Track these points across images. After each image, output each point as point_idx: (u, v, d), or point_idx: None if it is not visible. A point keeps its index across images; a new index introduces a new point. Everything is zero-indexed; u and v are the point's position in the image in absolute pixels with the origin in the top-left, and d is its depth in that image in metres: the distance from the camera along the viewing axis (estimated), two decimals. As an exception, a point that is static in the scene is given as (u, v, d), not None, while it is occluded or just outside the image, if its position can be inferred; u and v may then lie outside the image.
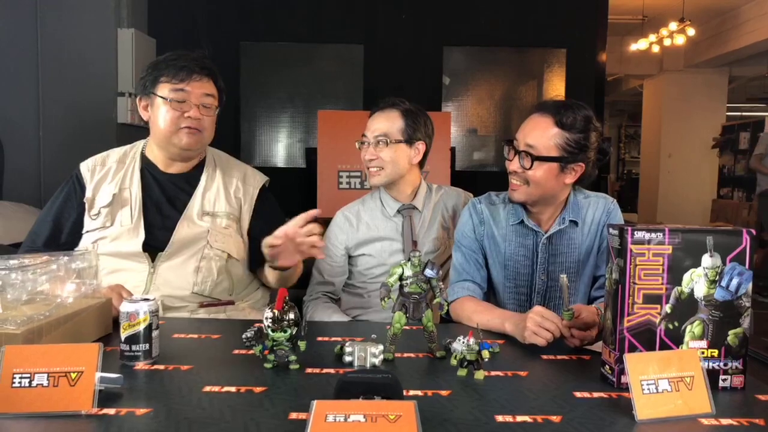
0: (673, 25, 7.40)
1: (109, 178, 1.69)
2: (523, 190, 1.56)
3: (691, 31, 7.35)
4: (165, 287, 1.60)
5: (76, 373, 0.95)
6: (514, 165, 1.55)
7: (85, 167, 1.72)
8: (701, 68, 9.11)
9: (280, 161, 4.84)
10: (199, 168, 1.74)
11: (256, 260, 1.73)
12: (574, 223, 1.60)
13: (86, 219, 1.66)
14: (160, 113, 1.63)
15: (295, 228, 1.44)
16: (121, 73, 3.62)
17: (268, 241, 1.47)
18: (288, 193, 4.47)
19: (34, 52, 3.51)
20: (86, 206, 1.67)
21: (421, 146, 1.88)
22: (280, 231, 1.45)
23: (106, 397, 0.97)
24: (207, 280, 1.63)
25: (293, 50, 4.73)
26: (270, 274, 1.70)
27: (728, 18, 7.96)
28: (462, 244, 1.67)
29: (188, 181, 1.72)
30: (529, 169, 1.51)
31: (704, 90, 9.35)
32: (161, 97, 1.62)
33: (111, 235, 1.63)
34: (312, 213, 1.45)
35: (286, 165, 4.83)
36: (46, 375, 0.94)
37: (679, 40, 7.49)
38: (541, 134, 1.51)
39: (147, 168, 1.72)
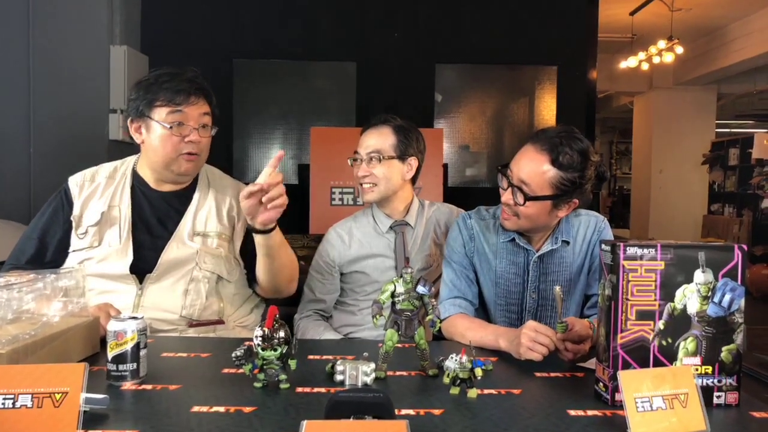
0: (662, 44, 7.50)
1: (98, 194, 1.65)
2: (514, 221, 1.54)
3: (679, 49, 7.45)
4: (153, 310, 1.56)
5: (60, 394, 0.92)
6: (506, 197, 1.53)
7: (74, 182, 1.68)
8: (690, 85, 9.23)
9: (272, 178, 4.84)
10: (191, 186, 1.70)
11: (253, 277, 1.70)
12: (566, 242, 1.60)
13: (73, 237, 1.62)
14: (157, 139, 1.58)
15: (269, 181, 1.42)
16: (113, 89, 3.61)
17: (246, 190, 1.43)
18: (280, 210, 4.46)
19: (25, 68, 3.50)
20: (73, 224, 1.62)
21: (413, 162, 1.89)
22: (256, 184, 1.43)
23: (91, 419, 0.95)
24: (195, 303, 1.60)
25: (286, 67, 4.74)
26: (258, 248, 1.59)
27: (716, 36, 8.08)
28: (452, 260, 1.66)
29: (180, 200, 1.68)
30: (522, 205, 1.49)
31: (693, 107, 9.45)
32: (158, 122, 1.57)
33: (98, 256, 1.59)
34: (278, 155, 1.44)
35: (278, 181, 4.82)
36: (30, 396, 0.92)
37: (668, 58, 7.59)
38: (535, 171, 1.47)
39: (138, 185, 1.68)
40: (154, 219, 1.65)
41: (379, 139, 1.85)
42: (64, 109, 3.53)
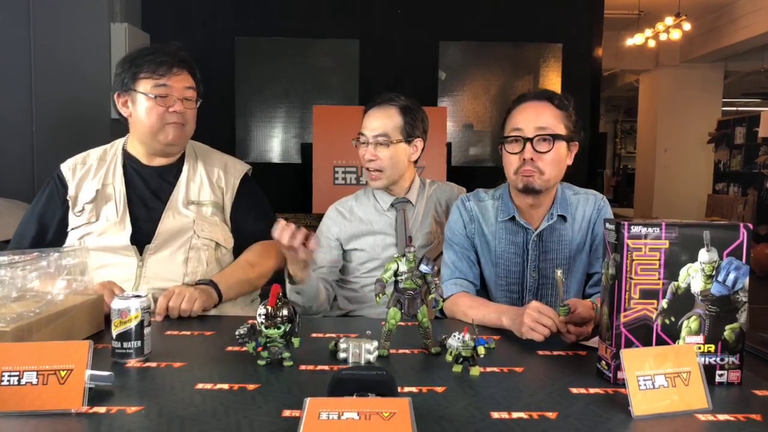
0: (669, 20, 7.40)
1: (91, 175, 1.69)
2: (537, 177, 1.53)
3: (686, 26, 7.34)
4: (155, 280, 1.59)
5: (65, 371, 0.93)
6: (528, 152, 1.51)
7: (66, 167, 1.71)
8: (697, 63, 9.11)
9: (275, 157, 4.82)
10: (180, 160, 1.74)
11: (238, 250, 1.73)
12: (563, 218, 1.59)
13: (71, 216, 1.65)
14: (143, 110, 1.62)
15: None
16: (114, 68, 3.59)
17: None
18: (284, 189, 4.46)
19: (26, 47, 3.48)
20: (70, 204, 1.66)
21: (419, 143, 1.87)
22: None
23: (96, 395, 0.96)
24: (197, 270, 1.62)
25: (288, 45, 4.70)
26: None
27: (723, 13, 7.96)
28: (453, 241, 1.66)
29: (171, 173, 1.71)
30: (550, 149, 1.51)
31: (700, 85, 9.35)
32: (142, 93, 1.61)
33: (97, 230, 1.62)
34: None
35: (281, 161, 4.81)
36: (35, 373, 0.93)
37: (675, 35, 7.49)
38: (550, 116, 1.54)
39: (129, 163, 1.71)
40: (148, 192, 1.68)
41: (385, 120, 1.83)
42: (66, 87, 3.52)
